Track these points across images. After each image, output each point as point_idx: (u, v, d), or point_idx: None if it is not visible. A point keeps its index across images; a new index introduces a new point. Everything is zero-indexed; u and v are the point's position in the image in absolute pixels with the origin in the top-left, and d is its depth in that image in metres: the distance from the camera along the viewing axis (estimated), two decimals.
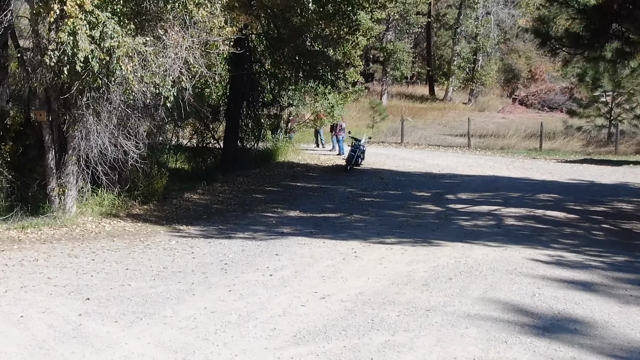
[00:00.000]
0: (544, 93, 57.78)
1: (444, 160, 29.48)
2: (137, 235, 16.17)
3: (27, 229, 16.17)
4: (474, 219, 17.93)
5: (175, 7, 15.65)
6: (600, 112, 36.11)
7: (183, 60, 16.05)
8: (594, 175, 25.95)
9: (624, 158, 31.47)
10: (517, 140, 35.39)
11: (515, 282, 12.32)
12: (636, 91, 35.12)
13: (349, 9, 23.26)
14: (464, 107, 59.04)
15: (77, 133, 16.72)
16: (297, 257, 13.97)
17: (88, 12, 14.59)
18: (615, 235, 16.47)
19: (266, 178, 23.86)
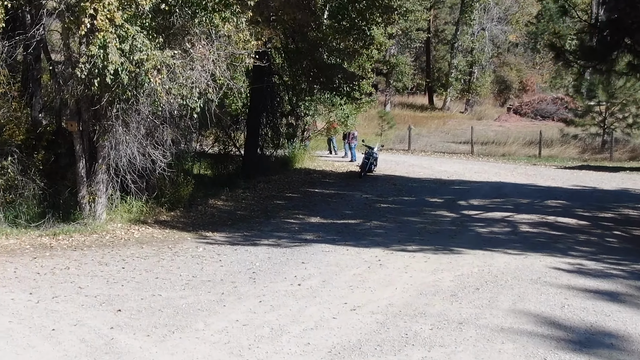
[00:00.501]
0: (537, 103, 56.95)
1: (450, 167, 28.47)
2: (165, 242, 15.17)
3: (59, 236, 15.18)
4: (489, 225, 16.91)
5: (202, 21, 14.68)
6: (595, 121, 35.14)
7: (210, 73, 15.04)
8: (595, 181, 24.94)
9: (619, 164, 30.47)
10: (517, 147, 34.43)
11: (543, 293, 11.30)
12: (628, 101, 34.25)
13: (364, 24, 22.39)
14: (461, 116, 58.39)
15: (107, 143, 15.78)
16: (323, 266, 12.97)
17: (118, 26, 13.69)
18: (629, 243, 15.45)
19: (285, 184, 22.87)
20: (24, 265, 12.84)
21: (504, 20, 65.42)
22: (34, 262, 13.14)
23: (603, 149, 33.69)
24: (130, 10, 13.99)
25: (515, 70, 71.25)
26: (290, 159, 26.28)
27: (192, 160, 22.46)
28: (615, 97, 34.29)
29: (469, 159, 32.45)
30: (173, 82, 14.68)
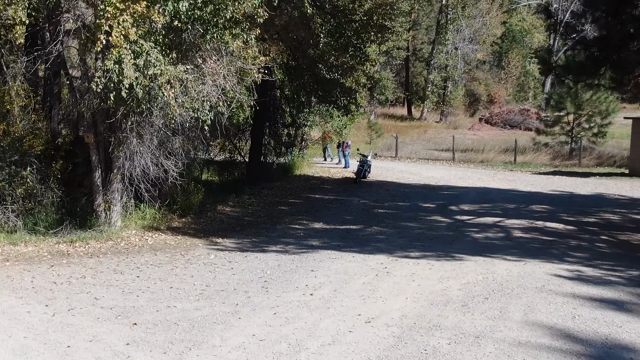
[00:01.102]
0: (506, 113, 55.97)
1: (436, 173, 27.28)
2: (178, 248, 13.89)
3: (76, 243, 13.90)
4: (483, 231, 15.72)
5: (213, 37, 13.45)
6: (564, 131, 34.12)
7: (221, 87, 13.81)
8: (570, 186, 23.79)
9: (587, 170, 29.40)
10: (494, 154, 33.33)
11: (550, 302, 10.14)
12: (594, 113, 33.27)
13: (359, 42, 21.24)
14: (437, 125, 57.45)
15: (122, 154, 14.53)
16: (332, 274, 11.74)
17: (133, 42, 12.44)
18: (617, 247, 14.29)
19: (287, 190, 21.61)
20: (42, 274, 11.57)
21: (474, 40, 64.91)
22: (51, 270, 11.87)
23: (571, 156, 32.68)
24: (144, 27, 12.75)
25: (484, 85, 70.88)
26: (290, 166, 25.09)
27: (201, 168, 21.19)
28: (582, 108, 33.34)
29: (451, 165, 31.26)
30: (185, 95, 13.46)
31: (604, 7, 14.75)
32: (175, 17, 12.99)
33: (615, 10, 14.59)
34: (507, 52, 74.13)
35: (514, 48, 74.33)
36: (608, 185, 24.21)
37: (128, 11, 12.30)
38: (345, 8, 21.40)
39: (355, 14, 21.15)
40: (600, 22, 14.84)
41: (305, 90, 21.87)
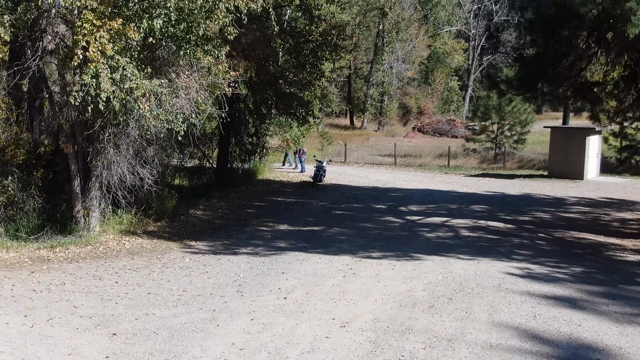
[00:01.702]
0: (435, 123, 55.74)
1: (382, 176, 26.29)
2: (154, 252, 12.59)
3: (56, 248, 12.49)
4: (434, 230, 14.77)
5: (186, 53, 12.21)
6: (489, 138, 33.57)
7: (194, 101, 12.56)
8: (501, 187, 23.07)
9: (511, 172, 28.79)
10: (430, 159, 32.55)
11: (510, 302, 9.24)
12: (515, 122, 32.82)
13: (315, 60, 20.13)
14: (376, 134, 56.63)
15: (100, 163, 13.19)
16: (302, 276, 10.64)
17: (109, 58, 11.13)
18: (555, 245, 13.49)
19: (253, 194, 20.32)
20: (22, 281, 10.18)
21: (405, 60, 65.34)
22: (31, 277, 10.48)
23: (496, 160, 32.14)
24: (120, 43, 11.45)
25: (414, 98, 70.83)
26: (254, 172, 23.83)
27: (173, 174, 19.78)
28: (504, 119, 32.86)
29: (394, 169, 30.30)
30: (160, 108, 12.20)
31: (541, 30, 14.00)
32: (150, 34, 11.73)
33: (551, 32, 13.85)
34: (432, 71, 74.57)
35: (438, 67, 75.11)
36: (532, 186, 23.59)
37: (104, 28, 10.99)
38: (302, 30, 20.32)
39: (312, 35, 20.09)
40: (538, 43, 14.07)
41: (267, 104, 20.69)
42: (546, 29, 13.80)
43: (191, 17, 11.81)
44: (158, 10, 11.62)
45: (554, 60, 13.84)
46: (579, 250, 12.95)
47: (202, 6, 11.67)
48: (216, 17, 11.81)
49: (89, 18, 10.93)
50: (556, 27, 13.83)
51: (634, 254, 12.68)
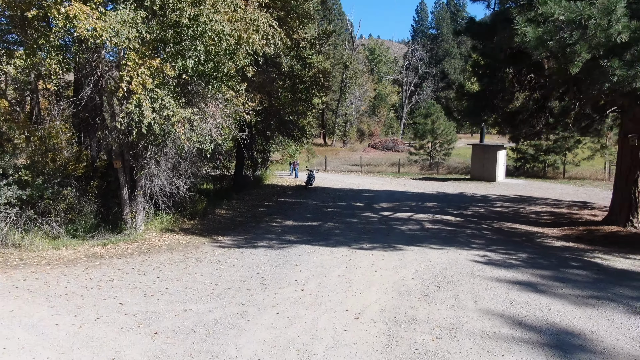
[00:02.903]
0: (383, 142, 54.39)
1: (354, 180, 24.47)
2: (189, 247, 10.59)
3: (108, 245, 10.43)
4: (404, 224, 12.97)
5: (213, 88, 10.24)
6: (426, 152, 31.99)
7: (220, 126, 10.60)
8: (441, 188, 21.42)
9: (443, 176, 27.28)
10: (385, 167, 30.87)
11: (487, 288, 7.51)
12: (444, 140, 31.33)
13: (307, 96, 18.26)
14: (342, 149, 54.86)
15: (143, 176, 11.12)
16: (312, 267, 8.76)
17: (149, 90, 9.12)
18: (497, 234, 11.82)
19: (262, 196, 18.29)
20: (75, 278, 8.15)
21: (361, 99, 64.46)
22: (84, 273, 8.45)
23: (431, 167, 30.59)
24: (159, 78, 9.43)
25: (367, 125, 69.55)
26: (262, 178, 21.82)
27: (202, 181, 17.71)
28: (436, 138, 31.30)
29: (361, 175, 28.47)
30: (192, 131, 10.20)
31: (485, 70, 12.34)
32: (184, 72, 9.75)
33: (492, 73, 12.18)
34: (377, 106, 73.75)
35: (381, 103, 74.57)
36: (462, 186, 22.01)
37: (145, 65, 8.98)
38: (297, 73, 18.43)
39: (305, 77, 18.21)
40: (483, 81, 12.38)
41: (271, 128, 18.78)
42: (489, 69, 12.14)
43: (217, 58, 9.85)
44: (190, 52, 9.65)
45: (494, 94, 12.16)
46: (517, 239, 11.30)
47: (226, 49, 9.72)
48: (238, 58, 9.87)
49: (132, 57, 8.92)
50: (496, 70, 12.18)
51: (557, 241, 11.07)
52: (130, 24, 8.61)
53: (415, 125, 31.96)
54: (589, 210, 15.32)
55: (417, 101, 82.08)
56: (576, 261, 9.19)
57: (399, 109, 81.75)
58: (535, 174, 26.64)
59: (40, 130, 11.85)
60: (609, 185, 22.58)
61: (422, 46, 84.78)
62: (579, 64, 7.63)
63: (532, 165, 27.17)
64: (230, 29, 9.56)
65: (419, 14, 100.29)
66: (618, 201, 11.99)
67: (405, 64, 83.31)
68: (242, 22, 9.86)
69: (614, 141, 22.57)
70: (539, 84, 12.86)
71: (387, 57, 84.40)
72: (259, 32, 9.96)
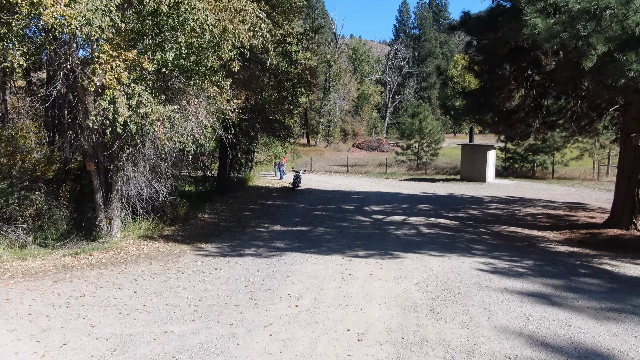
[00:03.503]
0: (368, 142, 53.99)
1: (342, 181, 23.80)
2: (170, 255, 9.78)
3: (80, 255, 9.57)
4: (399, 228, 12.35)
5: (196, 83, 9.46)
6: (413, 152, 31.51)
7: (203, 125, 9.82)
8: (430, 189, 20.89)
9: (432, 177, 26.81)
10: (372, 168, 30.31)
11: (498, 302, 6.90)
12: (432, 140, 30.90)
13: (294, 94, 17.53)
14: (326, 149, 54.32)
15: (119, 179, 10.26)
16: (305, 278, 8.05)
17: (125, 85, 8.30)
18: (497, 238, 11.29)
19: (247, 198, 17.51)
20: (42, 294, 7.30)
21: (344, 98, 64.24)
22: (53, 288, 7.60)
23: (419, 168, 30.11)
24: (136, 72, 8.63)
25: (350, 124, 69.29)
26: (246, 180, 21.01)
27: (183, 183, 16.82)
28: (424, 138, 30.87)
29: (347, 175, 27.80)
30: (173, 131, 9.41)
31: (484, 67, 11.80)
32: (163, 65, 8.96)
33: (492, 69, 11.66)
34: (361, 106, 73.63)
35: (364, 103, 74.52)
36: (452, 187, 21.53)
37: (120, 58, 8.17)
38: (283, 70, 17.70)
39: (291, 74, 17.48)
40: (483, 78, 11.84)
41: (255, 128, 17.98)
42: (488, 65, 11.61)
43: (200, 51, 9.09)
44: (170, 44, 8.86)
45: (494, 91, 11.64)
46: (519, 244, 10.77)
47: (210, 41, 8.96)
48: (223, 51, 9.11)
49: (106, 49, 8.10)
50: (495, 65, 11.65)
51: (561, 245, 10.58)
52: (103, 11, 7.79)
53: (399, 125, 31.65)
54: (585, 212, 14.95)
55: (401, 101, 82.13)
56: (585, 268, 8.69)
57: (382, 108, 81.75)
58: (524, 174, 26.40)
59: (7, 129, 10.93)
60: (599, 185, 22.40)
61: (405, 46, 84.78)
62: (593, 57, 7.11)
63: (520, 165, 26.93)
64: (214, 19, 8.81)
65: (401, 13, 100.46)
66: (620, 203, 11.58)
67: (388, 64, 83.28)
68: (227, 12, 9.11)
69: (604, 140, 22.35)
70: (537, 81, 12.41)
71: (370, 57, 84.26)
72: (245, 23, 9.23)
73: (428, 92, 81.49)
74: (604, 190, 20.27)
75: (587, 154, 25.88)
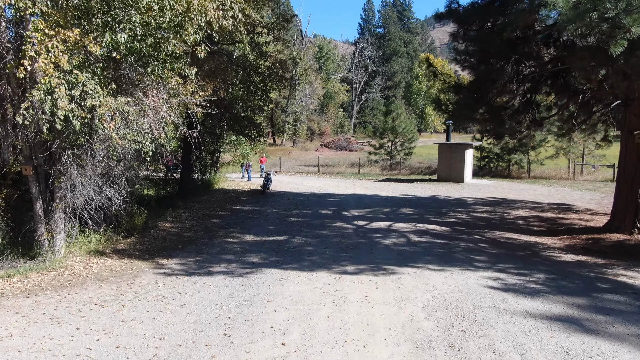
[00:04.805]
0: (337, 141, 53.02)
1: (314, 183, 22.53)
2: (124, 275, 8.27)
3: (14, 277, 7.98)
4: (386, 236, 11.20)
5: (154, 71, 7.99)
6: (386, 151, 30.58)
7: (163, 121, 8.36)
8: (410, 190, 19.90)
9: (407, 177, 25.91)
10: (344, 168, 29.15)
11: (525, 330, 5.86)
12: (405, 139, 30.06)
13: (264, 88, 16.16)
14: (293, 149, 53.03)
15: (63, 185, 8.65)
16: (289, 304, 6.78)
17: (66, 72, 6.80)
18: (495, 246, 10.34)
19: (214, 203, 15.97)
20: None
21: (310, 97, 63.40)
22: None
23: (392, 167, 29.22)
24: (79, 56, 7.11)
25: (316, 123, 68.43)
26: (212, 182, 19.43)
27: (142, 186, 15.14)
28: (397, 137, 30.02)
29: (319, 176, 26.48)
30: (127, 128, 7.92)
31: (478, 58, 10.82)
32: (114, 49, 7.47)
33: (487, 60, 10.69)
34: (327, 105, 72.92)
35: (330, 102, 73.88)
36: (432, 188, 20.64)
37: (58, 37, 6.64)
38: (252, 63, 16.31)
39: (260, 67, 16.12)
40: (479, 69, 10.86)
41: (221, 126, 16.51)
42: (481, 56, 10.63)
43: (159, 33, 7.64)
44: (123, 24, 7.38)
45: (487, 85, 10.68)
46: (520, 252, 9.84)
47: (171, 20, 7.54)
48: (186, 32, 7.70)
49: (40, 26, 6.57)
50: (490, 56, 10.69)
51: (565, 253, 9.73)
52: None
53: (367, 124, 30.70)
54: (575, 214, 14.29)
55: (367, 100, 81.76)
56: (602, 281, 7.79)
57: (348, 107, 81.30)
58: (500, 174, 25.93)
59: None
60: (577, 185, 22.09)
61: (371, 45, 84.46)
62: (623, 42, 6.15)
63: (495, 164, 26.47)
64: None
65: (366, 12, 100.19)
66: (622, 206, 10.85)
67: (354, 62, 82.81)
68: None
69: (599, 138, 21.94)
70: (531, 75, 11.55)
71: (335, 55, 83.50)
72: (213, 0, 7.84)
73: (394, 91, 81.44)
74: (584, 190, 19.89)
75: (562, 153, 25.66)
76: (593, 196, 18.16)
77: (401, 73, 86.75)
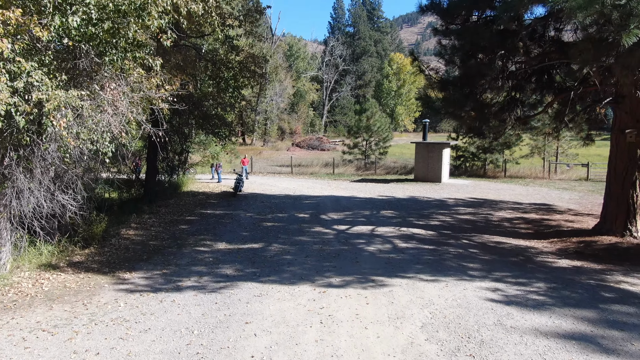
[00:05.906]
0: (309, 140, 52.28)
1: (288, 184, 21.67)
2: (79, 294, 7.29)
3: None
4: (370, 242, 10.51)
5: (112, 61, 7.04)
6: (361, 151, 29.96)
7: (125, 118, 7.41)
8: (388, 191, 19.34)
9: (382, 177, 25.38)
10: (318, 168, 28.38)
11: (539, 352, 5.32)
12: (381, 139, 29.52)
13: (236, 84, 15.25)
14: (263, 148, 52.01)
15: (8, 191, 7.57)
16: (271, 326, 5.98)
17: (8, 60, 5.82)
18: (486, 252, 9.81)
19: (182, 207, 14.93)
20: None
21: (281, 95, 62.72)
22: None
23: (367, 167, 28.64)
24: (23, 42, 6.13)
25: (287, 122, 67.70)
26: (179, 184, 18.35)
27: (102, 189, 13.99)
28: (372, 135, 29.48)
29: (293, 177, 25.61)
30: (82, 126, 6.95)
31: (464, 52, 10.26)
32: (65, 35, 6.51)
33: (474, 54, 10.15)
34: (297, 104, 72.25)
35: (300, 101, 73.33)
36: (410, 189, 20.14)
37: None
38: (222, 58, 15.37)
39: (232, 62, 15.20)
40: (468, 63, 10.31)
41: (189, 124, 15.50)
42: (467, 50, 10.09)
43: (118, 16, 6.72)
44: (75, 6, 6.43)
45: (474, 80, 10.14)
46: (513, 258, 9.34)
47: (131, 3, 6.62)
48: (150, 16, 6.80)
49: None
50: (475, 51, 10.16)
51: (559, 258, 9.31)
52: None
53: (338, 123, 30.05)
54: (559, 214, 13.99)
55: (337, 99, 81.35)
56: (605, 290, 7.33)
57: (319, 106, 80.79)
58: (475, 173, 25.75)
59: None
60: (553, 184, 22.06)
61: (341, 43, 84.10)
62: (635, 31, 5.64)
63: (471, 164, 26.28)
64: None
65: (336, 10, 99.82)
66: (612, 207, 10.52)
67: (325, 61, 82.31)
68: None
69: None
70: (518, 71, 11.11)
71: (305, 53, 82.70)
72: None
73: (364, 90, 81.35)
74: (560, 189, 19.81)
75: (537, 152, 25.68)
76: (571, 195, 18.05)
77: (371, 72, 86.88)
